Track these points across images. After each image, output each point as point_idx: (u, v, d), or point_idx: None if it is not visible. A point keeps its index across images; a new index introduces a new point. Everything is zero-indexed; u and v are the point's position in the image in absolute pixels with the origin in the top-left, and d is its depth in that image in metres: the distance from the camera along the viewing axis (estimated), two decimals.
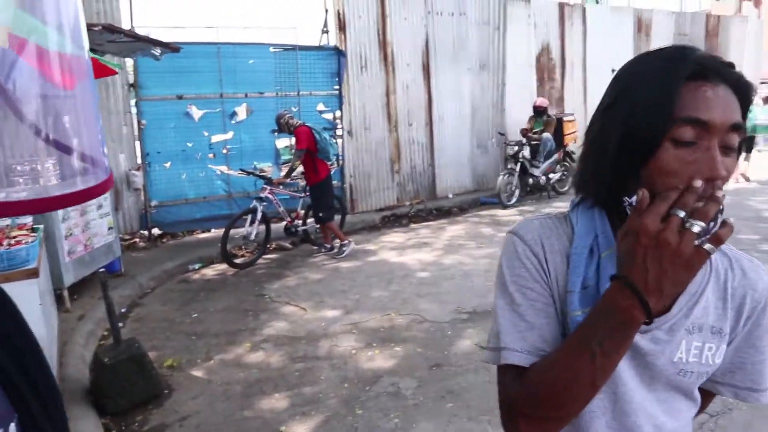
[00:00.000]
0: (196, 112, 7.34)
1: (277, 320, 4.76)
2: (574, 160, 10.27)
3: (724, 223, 0.72)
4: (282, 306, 5.10)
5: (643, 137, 0.80)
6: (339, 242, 6.63)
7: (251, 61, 7.67)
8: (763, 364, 0.95)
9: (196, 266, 6.39)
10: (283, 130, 6.53)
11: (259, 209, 6.32)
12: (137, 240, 7.02)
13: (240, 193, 7.63)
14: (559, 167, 9.89)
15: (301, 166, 6.46)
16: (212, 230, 7.58)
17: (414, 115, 9.13)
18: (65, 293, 4.75)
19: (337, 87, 8.28)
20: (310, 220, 6.90)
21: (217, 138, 7.52)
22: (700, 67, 0.80)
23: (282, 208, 6.77)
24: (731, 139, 0.80)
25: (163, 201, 7.24)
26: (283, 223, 6.95)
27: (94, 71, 1.02)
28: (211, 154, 7.51)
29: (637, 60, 0.89)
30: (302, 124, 6.46)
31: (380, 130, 8.75)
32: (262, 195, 6.44)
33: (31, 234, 3.87)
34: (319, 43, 8.75)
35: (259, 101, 7.77)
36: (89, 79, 0.88)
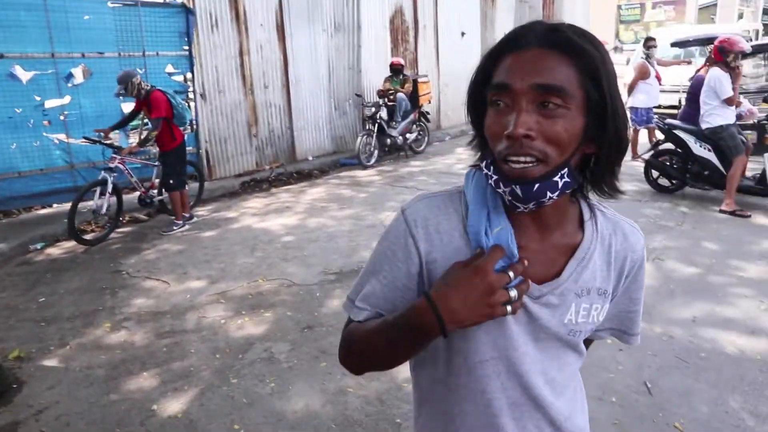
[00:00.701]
0: (22, 74, 6.54)
1: (137, 296, 4.54)
2: (429, 120, 10.72)
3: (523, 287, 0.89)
4: (142, 281, 4.86)
5: (473, 106, 0.95)
6: (175, 217, 6.34)
7: (86, 17, 6.94)
8: (637, 313, 1.12)
9: (38, 246, 5.83)
10: (130, 94, 6.03)
11: (110, 180, 5.87)
12: None
13: (83, 164, 6.99)
14: (416, 127, 10.26)
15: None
16: (54, 205, 6.92)
17: (270, 77, 8.92)
18: None
19: (186, 47, 7.81)
20: None
21: (51, 103, 6.77)
22: (514, 37, 0.89)
23: (134, 178, 6.36)
24: (543, 98, 0.83)
25: None
26: (137, 194, 6.54)
27: None
28: (46, 122, 6.75)
29: None
30: (155, 88, 6.06)
31: (235, 93, 8.45)
32: (112, 165, 5.97)
33: None
34: None
35: (98, 62, 7.10)
36: None
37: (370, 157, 9.38)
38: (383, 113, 9.55)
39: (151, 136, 6.04)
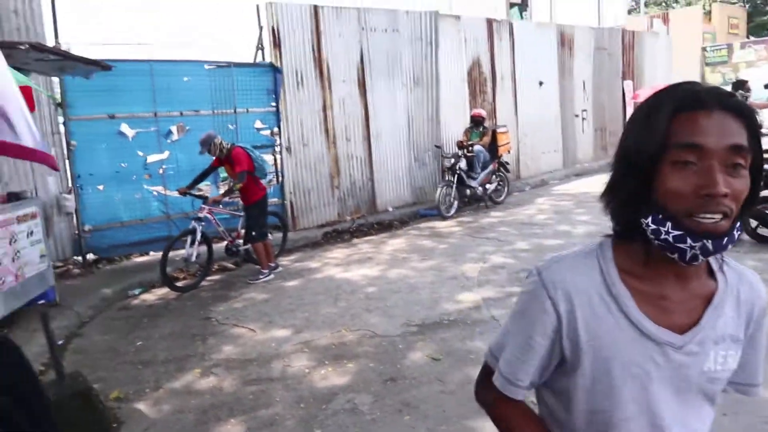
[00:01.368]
0: (129, 132, 7.13)
1: (226, 343, 4.68)
2: (508, 171, 10.65)
3: None
4: (230, 328, 5.02)
5: (644, 164, 0.92)
6: (261, 266, 6.49)
7: (186, 79, 7.53)
8: (759, 362, 1.10)
9: (136, 291, 6.18)
10: (213, 153, 6.28)
11: (198, 229, 6.18)
12: (71, 267, 6.71)
13: (178, 214, 7.45)
14: (495, 177, 10.21)
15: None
16: (151, 253, 7.35)
17: (351, 130, 9.21)
18: None
19: (274, 104, 8.26)
20: None
21: (152, 158, 7.32)
22: (693, 97, 0.90)
23: (222, 228, 6.67)
24: (734, 159, 0.89)
25: (98, 224, 6.97)
26: (224, 243, 6.83)
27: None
28: (147, 175, 7.30)
29: (651, 95, 0.99)
30: (234, 145, 6.35)
31: (319, 146, 8.78)
32: (201, 215, 6.29)
33: None
34: (254, 59, 8.68)
35: (194, 119, 7.64)
36: None
37: (450, 208, 9.39)
38: (462, 164, 9.59)
39: (236, 188, 6.28)
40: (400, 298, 5.54)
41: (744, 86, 8.89)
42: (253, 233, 6.44)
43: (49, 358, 3.65)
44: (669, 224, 0.91)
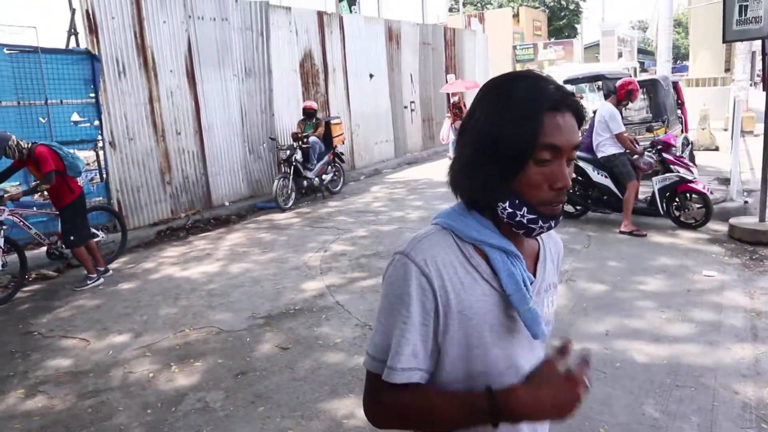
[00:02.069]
0: None
1: (53, 357, 4.29)
2: (343, 161, 10.91)
3: None
4: (57, 341, 4.60)
5: (513, 158, 1.01)
6: (87, 271, 5.98)
7: None
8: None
9: None
10: (11, 156, 5.55)
11: (0, 234, 5.51)
12: None
13: None
14: (331, 168, 10.41)
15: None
16: None
17: (182, 123, 8.81)
18: None
19: (93, 95, 7.60)
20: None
21: None
22: (560, 98, 1.03)
23: (34, 231, 6.01)
24: (572, 155, 1.05)
25: None
26: (45, 249, 6.19)
27: None
28: None
29: (503, 84, 1.06)
30: (36, 143, 5.68)
31: (146, 140, 8.27)
32: (1, 218, 5.56)
33: None
34: (67, 45, 7.91)
35: None
36: None
37: (287, 200, 9.40)
38: (298, 156, 9.64)
39: (41, 189, 5.73)
40: (243, 292, 5.49)
41: None
42: (72, 237, 5.85)
43: None
44: (525, 209, 1.03)
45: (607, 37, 34.16)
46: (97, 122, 7.65)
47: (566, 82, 10.79)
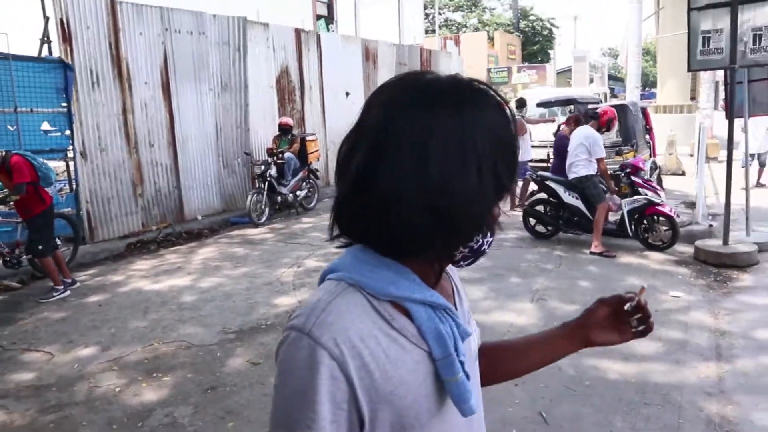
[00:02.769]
0: None
1: (15, 371, 4.16)
2: (318, 177, 10.91)
3: None
4: (19, 354, 4.46)
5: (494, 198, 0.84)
6: (54, 282, 5.81)
7: None
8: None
9: None
10: None
11: None
12: None
13: None
14: (305, 184, 10.40)
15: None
16: None
17: (155, 135, 8.72)
18: None
19: (65, 104, 7.49)
20: None
21: None
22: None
23: None
24: None
25: None
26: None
27: None
28: None
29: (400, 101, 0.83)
30: (11, 152, 5.61)
31: (118, 151, 8.15)
32: None
33: None
34: (39, 53, 7.80)
35: None
36: None
37: (261, 215, 9.33)
38: (273, 171, 9.60)
39: (11, 200, 5.62)
40: (214, 306, 5.42)
41: (525, 104, 10.28)
42: (40, 247, 5.72)
43: None
44: (489, 232, 0.89)
45: (579, 63, 35.05)
46: (68, 132, 7.53)
47: (539, 105, 11.04)
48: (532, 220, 7.71)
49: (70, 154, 7.61)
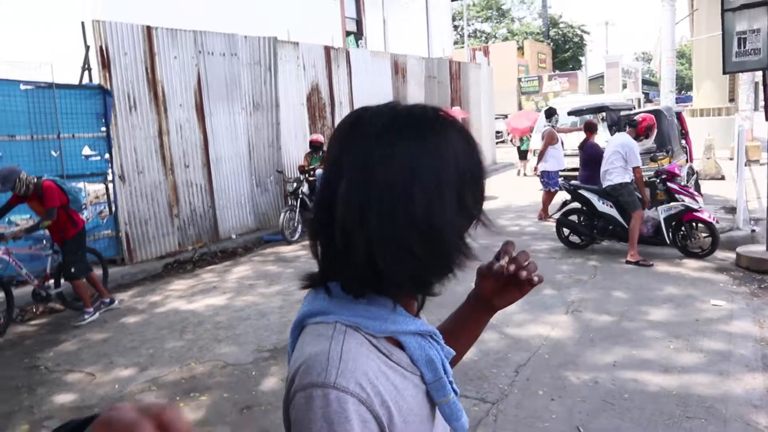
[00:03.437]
0: None
1: (59, 392, 4.28)
2: None
3: None
4: (63, 375, 4.59)
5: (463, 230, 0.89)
6: (84, 305, 5.90)
7: None
8: None
9: None
10: (19, 189, 5.47)
11: None
12: None
13: None
14: None
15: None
16: None
17: (190, 156, 8.93)
18: None
19: (104, 128, 7.74)
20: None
21: None
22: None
23: (24, 270, 5.81)
24: None
25: None
26: (28, 288, 6.02)
27: None
28: None
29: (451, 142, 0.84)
30: (42, 178, 5.68)
31: (155, 173, 8.38)
32: None
33: None
34: (80, 81, 8.09)
35: (9, 145, 6.89)
36: None
37: (294, 233, 9.43)
38: (305, 188, 9.71)
39: (43, 226, 5.61)
40: (249, 325, 5.48)
41: (555, 113, 10.16)
42: (73, 270, 5.81)
43: None
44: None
45: (612, 69, 34.56)
46: (107, 156, 7.78)
47: (571, 113, 10.90)
48: (566, 230, 7.60)
49: (109, 177, 7.85)
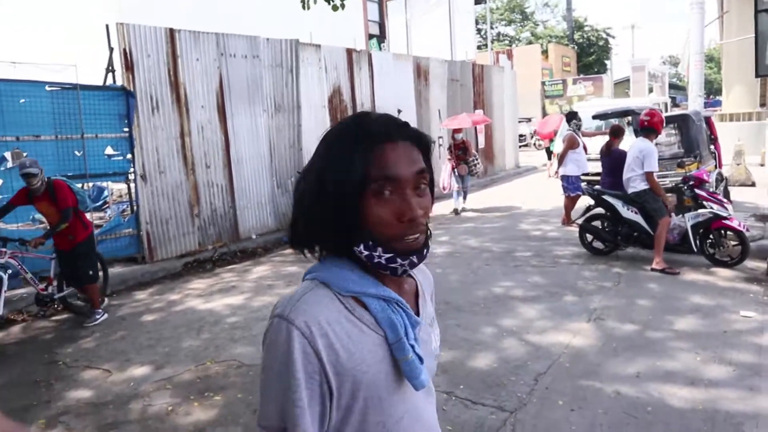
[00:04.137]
0: None
1: (75, 388, 4.30)
2: None
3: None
4: (80, 371, 4.61)
5: (347, 197, 0.98)
6: (93, 306, 5.87)
7: (23, 101, 6.90)
8: (437, 333, 1.27)
9: None
10: (37, 184, 5.35)
11: (5, 279, 5.21)
12: None
13: None
14: None
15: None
16: None
17: (211, 156, 8.96)
18: None
19: (126, 129, 7.81)
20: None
21: None
22: (383, 131, 1.01)
23: (29, 274, 5.67)
24: (420, 182, 1.02)
25: None
26: (24, 290, 5.98)
27: None
28: None
29: (330, 129, 1.06)
30: (53, 177, 5.60)
31: (176, 173, 8.42)
32: (2, 260, 5.30)
33: None
34: (104, 82, 8.18)
35: (34, 145, 6.99)
36: None
37: None
38: None
39: (59, 229, 5.48)
40: (265, 325, 5.44)
41: (576, 117, 9.97)
42: (90, 272, 5.79)
43: None
44: (380, 249, 1.00)
45: (638, 73, 34.07)
46: (129, 156, 7.84)
47: (595, 117, 10.72)
48: (589, 236, 7.44)
49: (131, 177, 7.91)
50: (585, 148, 9.62)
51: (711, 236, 6.54)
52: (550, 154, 16.04)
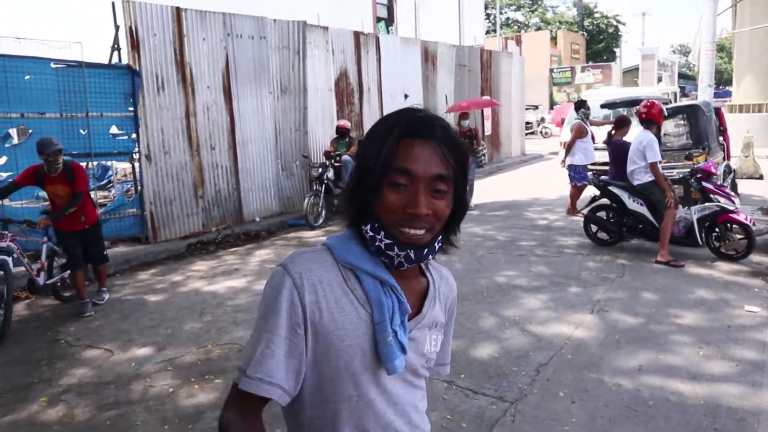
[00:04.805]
0: None
1: (77, 367, 4.31)
2: None
3: None
4: (82, 350, 4.63)
5: (371, 181, 1.05)
6: (100, 285, 5.87)
7: (28, 77, 6.85)
8: (449, 345, 1.36)
9: None
10: (54, 164, 5.18)
11: (9, 262, 4.97)
12: None
13: None
14: None
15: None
16: None
17: (216, 138, 8.92)
18: None
19: (131, 108, 7.77)
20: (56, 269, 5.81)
21: None
22: (416, 126, 1.06)
23: (26, 260, 5.42)
24: (437, 186, 1.05)
25: None
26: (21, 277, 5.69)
27: None
28: None
29: (378, 120, 1.13)
30: (68, 159, 5.48)
31: (181, 154, 8.39)
32: (3, 244, 5.05)
33: None
34: (110, 60, 8.12)
35: (39, 122, 6.97)
36: None
37: (317, 218, 9.40)
38: (330, 174, 9.65)
39: (69, 211, 5.31)
40: None
41: (585, 105, 9.86)
42: (105, 252, 5.92)
43: None
44: (382, 233, 1.06)
45: (647, 61, 33.71)
46: (134, 135, 7.81)
47: (603, 106, 10.61)
48: (594, 227, 7.40)
49: (136, 157, 7.89)
50: (593, 138, 9.53)
51: (717, 229, 6.49)
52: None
